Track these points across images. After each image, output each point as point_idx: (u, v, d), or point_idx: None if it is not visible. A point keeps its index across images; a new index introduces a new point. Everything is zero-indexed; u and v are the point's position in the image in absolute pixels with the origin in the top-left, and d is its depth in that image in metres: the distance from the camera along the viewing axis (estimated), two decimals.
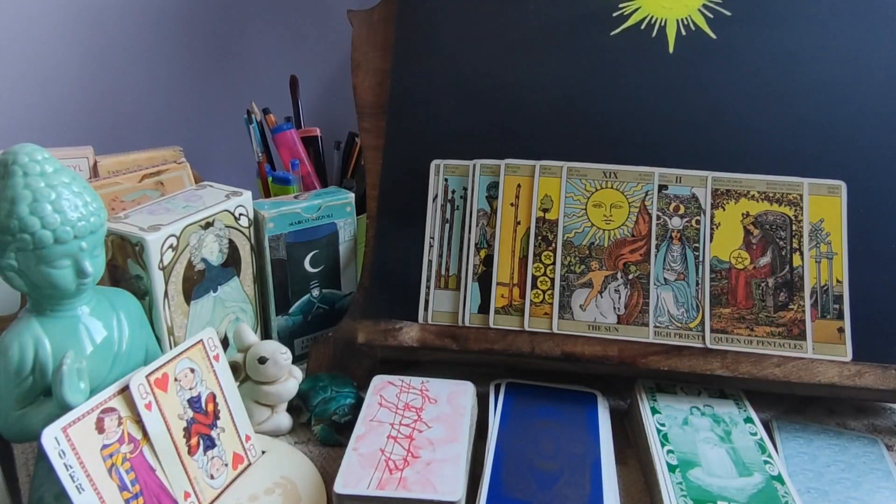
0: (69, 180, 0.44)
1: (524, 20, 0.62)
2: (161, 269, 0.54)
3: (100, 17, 0.82)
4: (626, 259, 0.50)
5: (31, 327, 0.44)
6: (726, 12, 0.60)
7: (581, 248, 0.50)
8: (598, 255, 0.50)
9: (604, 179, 0.47)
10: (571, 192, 0.47)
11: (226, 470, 0.49)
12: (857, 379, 0.54)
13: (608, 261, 0.50)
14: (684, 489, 0.47)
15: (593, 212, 0.49)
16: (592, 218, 0.49)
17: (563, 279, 0.50)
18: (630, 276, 0.51)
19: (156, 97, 0.89)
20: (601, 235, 0.49)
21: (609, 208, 0.50)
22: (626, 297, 0.51)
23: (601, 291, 0.51)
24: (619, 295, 0.51)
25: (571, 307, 0.50)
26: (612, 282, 0.51)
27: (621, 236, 0.50)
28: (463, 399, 0.55)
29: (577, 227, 0.49)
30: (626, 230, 0.50)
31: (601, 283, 0.51)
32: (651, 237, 0.49)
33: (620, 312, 0.51)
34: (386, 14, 0.65)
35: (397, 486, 0.46)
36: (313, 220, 0.65)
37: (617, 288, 0.51)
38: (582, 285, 0.50)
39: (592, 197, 0.48)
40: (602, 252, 0.50)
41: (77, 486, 0.39)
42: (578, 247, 0.49)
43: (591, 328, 0.51)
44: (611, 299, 0.51)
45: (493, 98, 0.62)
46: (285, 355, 0.55)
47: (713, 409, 0.55)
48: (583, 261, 0.50)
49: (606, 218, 0.50)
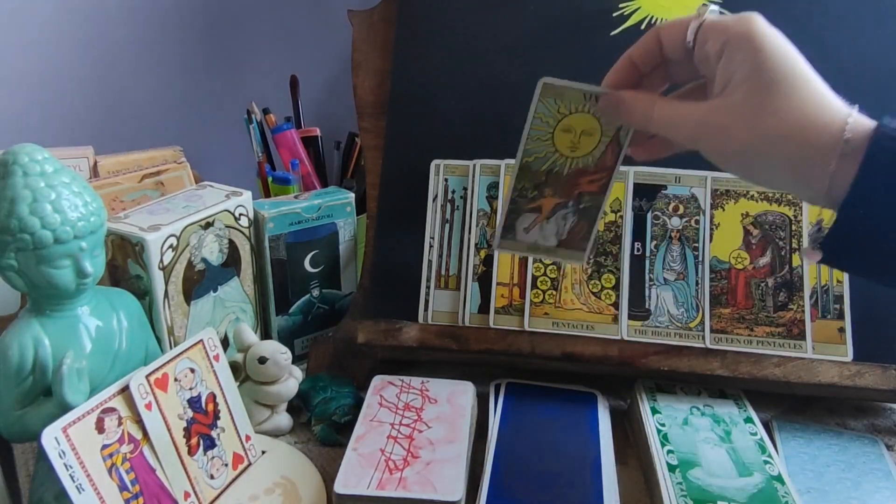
0: (69, 180, 0.44)
1: (524, 20, 0.62)
2: (161, 269, 0.54)
3: (100, 17, 0.82)
4: (582, 188, 0.48)
5: (31, 327, 0.44)
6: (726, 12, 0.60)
7: (538, 174, 0.47)
8: (554, 182, 0.48)
9: (583, 102, 0.44)
10: (542, 113, 0.45)
11: (226, 470, 0.49)
12: (857, 379, 0.54)
13: (562, 189, 0.48)
14: (684, 489, 0.47)
15: (560, 136, 0.46)
16: (557, 143, 0.46)
17: (512, 202, 0.48)
18: (581, 204, 0.48)
19: (156, 97, 0.89)
20: (562, 162, 0.47)
21: (578, 135, 0.46)
22: (571, 223, 0.49)
23: (549, 217, 0.49)
24: (564, 222, 0.49)
25: (516, 229, 0.49)
26: (562, 209, 0.49)
27: (583, 165, 0.47)
28: (463, 399, 0.55)
29: (538, 152, 0.46)
30: (591, 160, 0.47)
31: (550, 209, 0.49)
32: (615, 170, 0.47)
33: (562, 237, 0.49)
34: (386, 14, 0.65)
35: (397, 486, 0.46)
36: (313, 220, 0.65)
37: (565, 215, 0.49)
38: (530, 210, 0.48)
39: (564, 121, 0.45)
40: (559, 180, 0.48)
41: (77, 486, 0.39)
42: (535, 172, 0.47)
43: (532, 251, 0.50)
44: (556, 225, 0.49)
45: (493, 98, 0.62)
46: (285, 355, 0.55)
47: (713, 409, 0.55)
48: (537, 186, 0.48)
49: (573, 145, 0.46)
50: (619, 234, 0.58)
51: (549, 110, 0.45)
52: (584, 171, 0.47)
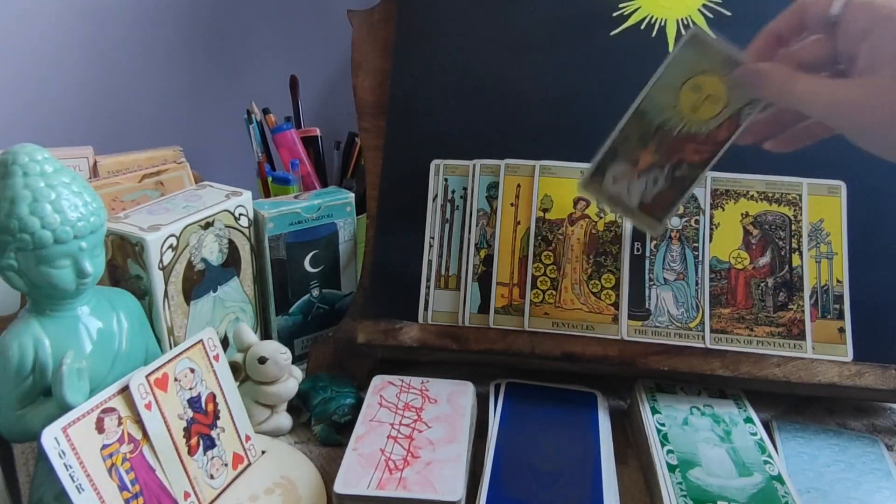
0: (69, 180, 0.44)
1: (524, 20, 0.62)
2: (161, 269, 0.54)
3: (100, 16, 0.82)
4: (685, 156, 0.47)
5: (31, 327, 0.44)
6: (726, 12, 0.60)
7: (649, 125, 0.46)
8: (663, 140, 0.46)
9: (721, 65, 0.43)
10: (679, 62, 0.43)
11: (226, 470, 0.49)
12: (857, 379, 0.54)
13: (665, 150, 0.47)
14: (684, 489, 0.47)
15: (686, 93, 0.45)
16: (682, 98, 0.45)
17: (613, 145, 0.46)
18: (677, 172, 0.47)
19: (156, 97, 0.89)
20: (676, 121, 0.45)
21: (704, 97, 0.45)
22: (660, 188, 0.48)
23: (640, 174, 0.48)
24: (654, 185, 0.48)
25: (605, 174, 0.48)
26: (655, 170, 0.47)
27: (695, 131, 0.45)
28: (463, 399, 0.55)
29: (658, 102, 0.45)
30: (705, 128, 0.45)
31: (646, 165, 0.47)
32: (724, 147, 0.45)
33: (646, 200, 0.48)
34: (386, 14, 0.65)
35: (397, 486, 0.46)
36: (313, 220, 0.65)
37: (656, 178, 0.47)
38: (627, 159, 0.47)
39: (696, 78, 0.44)
40: (666, 139, 0.46)
41: (77, 486, 0.39)
42: (647, 121, 0.45)
43: (611, 203, 0.49)
44: (644, 184, 0.48)
45: (493, 98, 0.62)
46: (285, 355, 0.55)
47: (713, 409, 0.55)
48: (642, 137, 0.46)
49: (695, 105, 0.45)
50: (618, 234, 0.58)
51: (687, 62, 0.44)
52: (693, 138, 0.46)
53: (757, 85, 0.43)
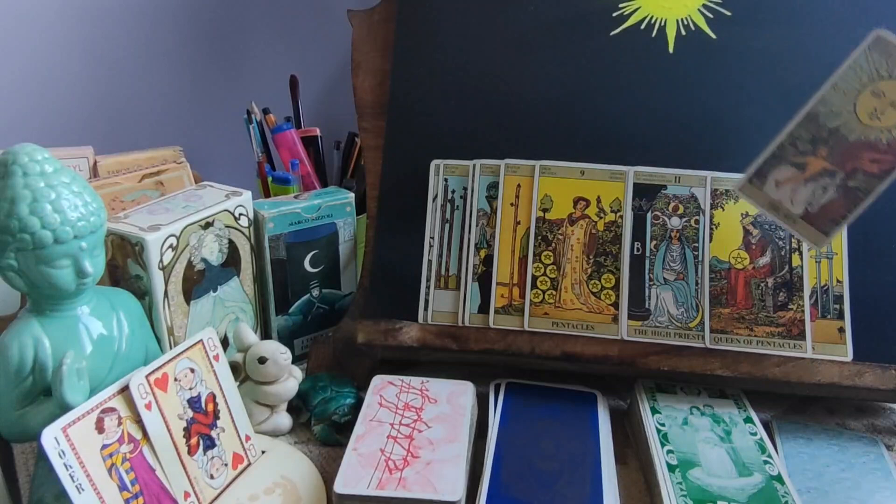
0: (69, 180, 0.44)
1: (524, 20, 0.62)
2: (161, 269, 0.54)
3: (100, 17, 0.82)
4: (861, 165, 0.43)
5: (30, 327, 0.44)
6: (726, 12, 0.60)
7: (822, 128, 0.42)
8: (836, 145, 0.43)
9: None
10: (860, 66, 0.40)
11: (226, 470, 0.49)
12: (857, 379, 0.54)
13: (839, 156, 0.43)
14: (684, 489, 0.47)
15: (866, 98, 0.42)
16: (860, 104, 0.42)
17: (780, 147, 0.43)
18: (850, 182, 0.43)
19: (156, 97, 0.89)
20: (853, 127, 0.42)
21: (888, 103, 0.41)
22: (829, 198, 0.44)
23: (808, 180, 0.44)
24: (823, 193, 0.44)
25: (767, 178, 0.44)
26: (827, 178, 0.44)
27: (874, 139, 0.42)
28: (463, 399, 0.55)
29: (833, 105, 0.42)
30: (885, 136, 0.42)
31: (816, 171, 0.44)
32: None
33: (812, 209, 0.44)
34: (386, 14, 0.65)
35: (397, 486, 0.46)
36: (313, 220, 0.65)
37: (826, 186, 0.44)
38: (794, 163, 0.44)
39: (879, 84, 0.41)
40: (840, 145, 0.43)
41: (77, 486, 0.39)
42: (820, 124, 0.42)
43: (771, 209, 0.45)
44: (812, 192, 0.44)
45: (493, 98, 0.62)
46: (285, 355, 0.55)
47: (713, 409, 0.55)
48: (813, 141, 0.43)
49: (875, 113, 0.42)
50: (618, 234, 0.58)
51: (870, 66, 0.41)
52: (872, 146, 0.43)
53: None
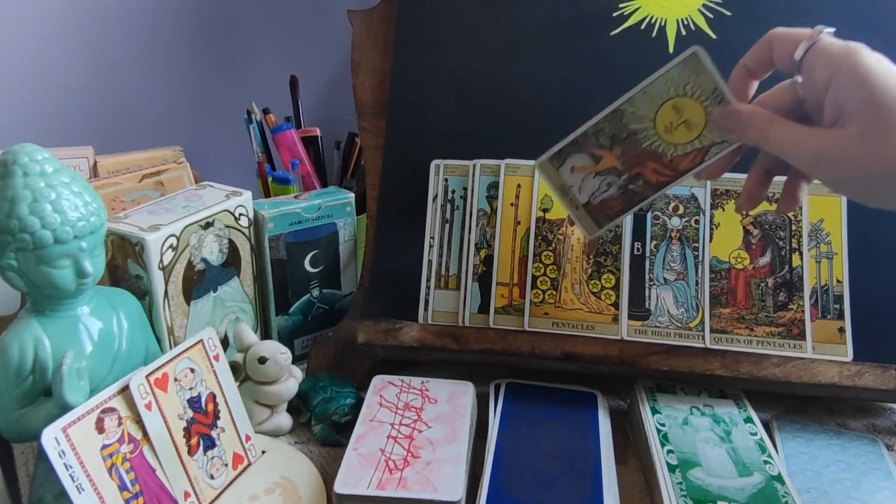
0: (69, 180, 0.44)
1: (524, 20, 0.62)
2: (161, 269, 0.54)
3: (100, 17, 0.82)
4: (644, 172, 0.46)
5: (31, 327, 0.44)
6: (726, 12, 0.60)
7: (623, 128, 0.45)
8: (630, 148, 0.45)
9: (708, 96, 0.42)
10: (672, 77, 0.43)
11: (226, 470, 0.49)
12: (857, 379, 0.54)
13: (629, 159, 0.46)
14: (684, 489, 0.47)
15: (666, 111, 0.44)
16: (660, 115, 0.44)
17: (583, 136, 0.46)
18: (630, 185, 0.46)
19: (156, 97, 0.89)
20: (649, 135, 0.45)
21: (681, 121, 0.44)
22: (610, 195, 0.47)
23: (598, 174, 0.47)
24: (606, 189, 0.47)
25: (565, 161, 0.47)
26: (612, 176, 0.47)
27: (661, 151, 0.45)
28: (463, 399, 0.55)
29: (639, 109, 0.44)
30: (671, 151, 0.45)
31: (605, 168, 0.47)
32: (680, 177, 0.45)
33: (593, 201, 0.48)
34: (386, 14, 0.65)
35: (397, 486, 0.46)
36: (313, 220, 0.65)
37: (610, 183, 0.47)
38: (591, 155, 0.46)
39: (681, 99, 0.43)
40: (633, 148, 0.45)
41: (77, 486, 0.39)
42: (622, 125, 0.45)
43: (560, 191, 0.48)
44: (597, 185, 0.47)
45: (493, 98, 0.62)
46: (285, 355, 0.55)
47: (713, 409, 0.55)
48: (613, 138, 0.46)
49: (670, 126, 0.44)
50: (618, 234, 0.58)
51: (679, 80, 0.43)
52: (657, 157, 0.46)
53: (737, 125, 0.43)
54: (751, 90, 0.44)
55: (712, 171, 0.47)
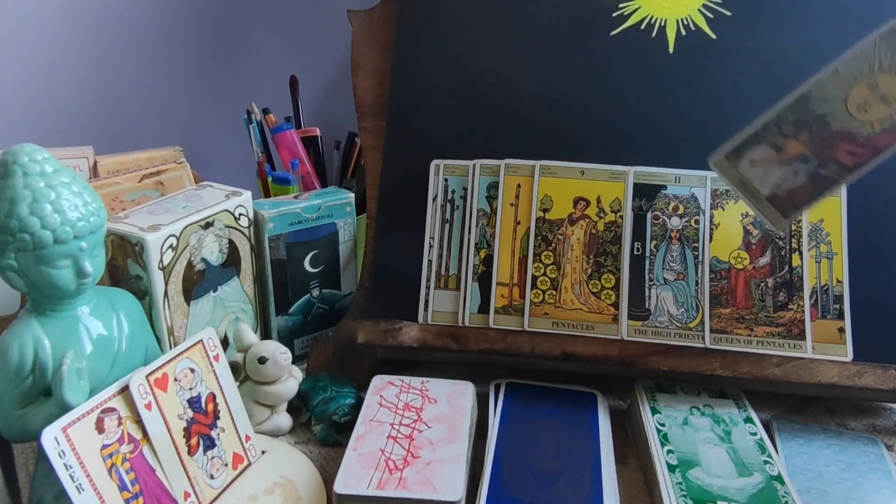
0: (69, 180, 0.44)
1: (524, 20, 0.62)
2: (161, 269, 0.54)
3: (100, 17, 0.82)
4: (837, 154, 0.43)
5: (31, 327, 0.44)
6: (726, 12, 0.60)
7: (808, 112, 0.42)
8: (817, 131, 0.42)
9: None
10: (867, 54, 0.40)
11: (226, 470, 0.49)
12: (857, 379, 0.54)
13: (817, 144, 0.43)
14: (684, 489, 0.47)
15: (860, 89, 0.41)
16: (853, 93, 0.42)
17: (764, 127, 0.43)
18: (822, 170, 0.43)
19: (156, 97, 0.89)
20: (839, 116, 0.42)
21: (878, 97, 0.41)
22: (798, 183, 0.44)
23: (783, 163, 0.44)
24: (794, 177, 0.44)
25: (744, 155, 0.44)
26: (800, 163, 0.44)
27: (855, 130, 0.42)
28: (463, 399, 0.55)
29: (827, 91, 0.41)
30: (866, 129, 0.42)
31: (791, 157, 0.44)
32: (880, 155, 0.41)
33: (779, 192, 0.44)
34: (386, 14, 0.65)
35: (397, 486, 0.46)
36: (313, 220, 0.65)
37: (797, 170, 0.44)
38: (772, 145, 0.43)
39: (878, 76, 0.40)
40: (821, 132, 0.42)
41: (77, 486, 0.39)
42: (807, 109, 0.42)
43: (739, 186, 0.45)
44: (783, 175, 0.44)
45: (493, 98, 0.62)
46: (285, 355, 0.55)
47: (713, 409, 0.55)
48: (797, 124, 0.43)
49: (863, 104, 0.41)
50: (618, 234, 0.58)
51: (875, 56, 0.41)
52: (851, 137, 0.43)
53: None
54: None
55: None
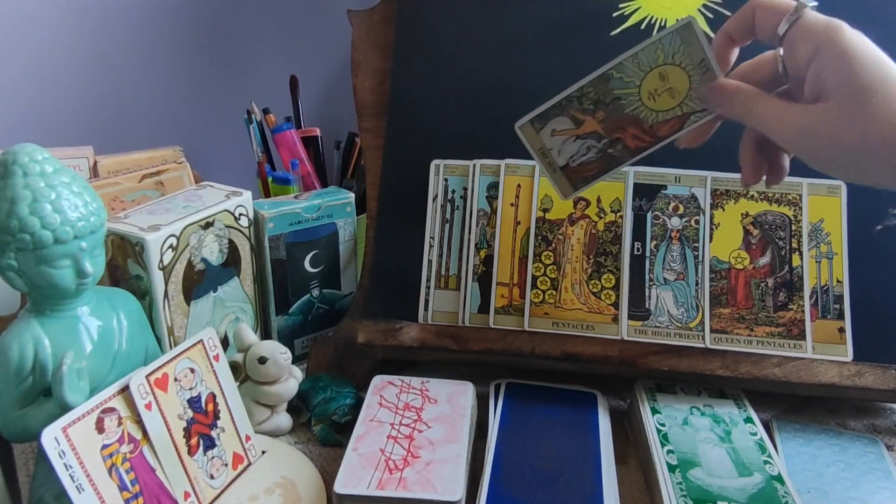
0: (69, 180, 0.44)
1: (524, 20, 0.62)
2: (161, 269, 0.54)
3: (100, 17, 0.82)
4: (624, 137, 0.46)
5: (31, 327, 0.44)
6: (726, 12, 0.60)
7: (608, 93, 0.44)
8: (612, 113, 0.45)
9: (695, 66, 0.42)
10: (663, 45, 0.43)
11: (226, 470, 0.49)
12: (858, 379, 0.54)
13: (610, 123, 0.46)
14: (684, 489, 0.47)
15: (652, 78, 0.44)
16: (646, 81, 0.44)
17: (567, 99, 0.45)
18: (610, 149, 0.46)
19: (156, 97, 0.89)
20: (632, 101, 0.44)
21: (665, 88, 0.44)
22: (588, 158, 0.47)
23: (578, 137, 0.47)
24: (585, 153, 0.47)
25: (546, 124, 0.47)
26: (592, 139, 0.47)
27: (643, 117, 0.45)
28: (463, 399, 0.55)
29: (627, 75, 0.44)
30: (652, 117, 0.45)
31: (586, 132, 0.47)
32: (658, 143, 0.45)
33: (572, 164, 0.48)
34: (386, 14, 0.65)
35: (397, 486, 0.46)
36: (313, 220, 0.65)
37: (589, 146, 0.47)
38: (573, 118, 0.46)
39: (668, 67, 0.43)
40: (615, 113, 0.45)
41: (77, 486, 0.39)
42: (607, 89, 0.44)
43: (539, 154, 0.48)
44: (577, 149, 0.47)
45: (493, 98, 0.62)
46: (285, 355, 0.55)
47: (713, 409, 0.55)
48: (596, 102, 0.45)
49: (654, 93, 0.44)
50: (618, 234, 0.58)
51: (669, 49, 0.44)
52: (638, 123, 0.46)
53: (721, 101, 0.43)
54: (732, 57, 0.44)
55: (691, 139, 0.47)
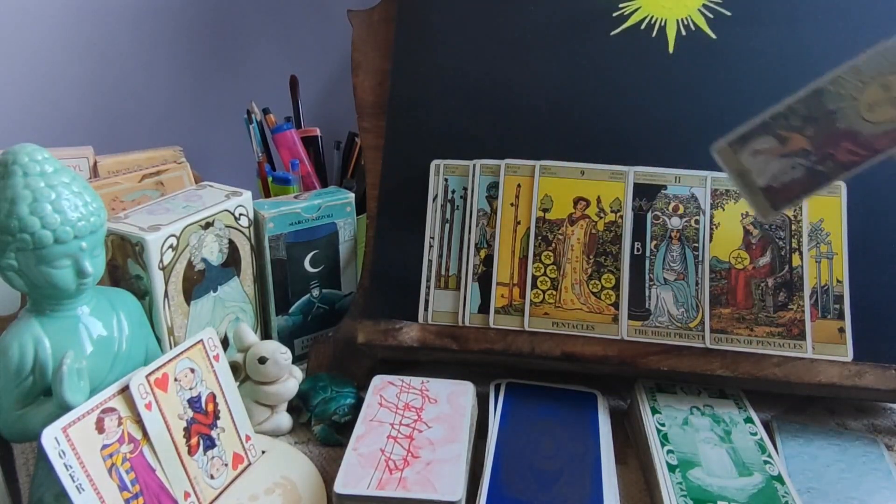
0: (69, 180, 0.44)
1: (524, 20, 0.62)
2: (161, 269, 0.54)
3: (100, 16, 0.82)
4: (836, 152, 0.42)
5: (31, 327, 0.44)
6: (726, 12, 0.60)
7: (819, 108, 0.42)
8: (823, 127, 0.42)
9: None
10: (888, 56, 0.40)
11: (226, 470, 0.49)
12: (858, 379, 0.54)
13: (820, 140, 0.43)
14: (684, 489, 0.47)
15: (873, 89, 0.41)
16: (866, 93, 0.41)
17: (773, 118, 0.42)
18: (820, 166, 0.43)
19: (156, 97, 0.89)
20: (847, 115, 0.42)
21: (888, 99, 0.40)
22: (795, 177, 0.43)
23: (784, 155, 0.43)
24: (792, 171, 0.43)
25: (748, 145, 0.44)
26: (801, 158, 0.43)
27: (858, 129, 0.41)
28: (463, 399, 0.55)
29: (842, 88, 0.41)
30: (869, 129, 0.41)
31: (793, 150, 0.43)
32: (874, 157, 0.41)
33: (775, 184, 0.44)
34: (386, 14, 0.65)
35: (397, 486, 0.46)
36: (313, 220, 0.65)
37: (796, 165, 0.43)
38: (777, 137, 0.43)
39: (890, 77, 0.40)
40: (827, 129, 0.42)
41: (77, 486, 0.39)
42: (819, 104, 0.41)
43: (738, 175, 0.44)
44: (782, 168, 0.43)
45: (493, 98, 0.62)
46: (285, 355, 0.55)
47: (713, 409, 0.55)
48: (805, 119, 0.42)
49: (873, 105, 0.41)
50: (619, 234, 0.58)
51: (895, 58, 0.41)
52: (853, 137, 0.43)
53: None
54: None
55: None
